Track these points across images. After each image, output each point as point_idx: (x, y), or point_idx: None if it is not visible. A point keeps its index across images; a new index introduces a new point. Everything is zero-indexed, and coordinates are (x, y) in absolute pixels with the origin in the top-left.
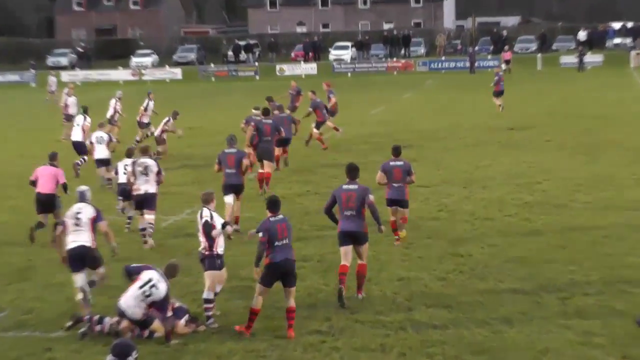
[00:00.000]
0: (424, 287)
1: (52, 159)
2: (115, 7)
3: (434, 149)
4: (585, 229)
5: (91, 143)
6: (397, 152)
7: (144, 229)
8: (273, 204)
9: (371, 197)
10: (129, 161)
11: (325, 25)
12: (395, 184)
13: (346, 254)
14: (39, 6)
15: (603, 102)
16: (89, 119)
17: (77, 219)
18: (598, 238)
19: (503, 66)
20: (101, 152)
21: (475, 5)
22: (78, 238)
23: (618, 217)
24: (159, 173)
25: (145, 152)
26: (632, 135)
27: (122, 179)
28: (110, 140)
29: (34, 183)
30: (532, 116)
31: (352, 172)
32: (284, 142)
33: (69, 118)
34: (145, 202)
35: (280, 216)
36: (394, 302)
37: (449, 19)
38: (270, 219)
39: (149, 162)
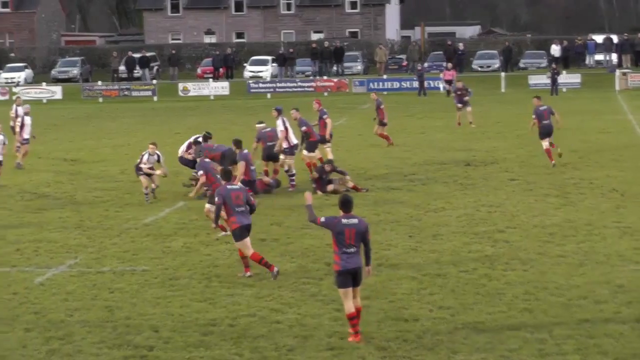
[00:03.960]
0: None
1: None
2: None
3: (372, 188)
4: (558, 288)
5: None
6: (348, 207)
7: None
8: (346, 204)
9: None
10: None
11: (239, 35)
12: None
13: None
14: None
15: (581, 133)
16: None
17: None
18: (573, 300)
19: (441, 87)
20: None
21: (424, 12)
22: None
23: (597, 275)
24: None
25: None
26: (616, 174)
27: None
28: None
29: None
30: (494, 149)
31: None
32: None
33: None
34: None
35: (355, 220)
36: None
37: (392, 28)
38: (343, 220)
39: None
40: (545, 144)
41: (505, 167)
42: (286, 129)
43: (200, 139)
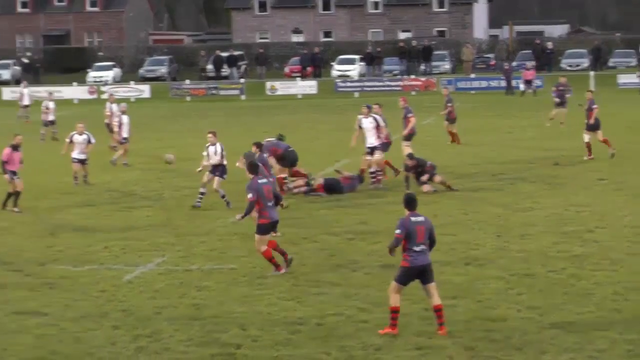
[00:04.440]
0: (447, 359)
1: None
2: (68, 8)
3: (460, 188)
4: None
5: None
6: (414, 205)
7: None
8: (412, 202)
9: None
10: None
11: (327, 34)
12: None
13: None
14: None
15: None
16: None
17: None
18: None
19: (521, 86)
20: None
21: (512, 11)
22: None
23: None
24: None
25: None
26: None
27: None
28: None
29: None
30: (582, 149)
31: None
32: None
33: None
34: None
35: (421, 218)
36: None
37: (480, 27)
38: (412, 218)
39: None
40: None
41: (594, 166)
42: (378, 125)
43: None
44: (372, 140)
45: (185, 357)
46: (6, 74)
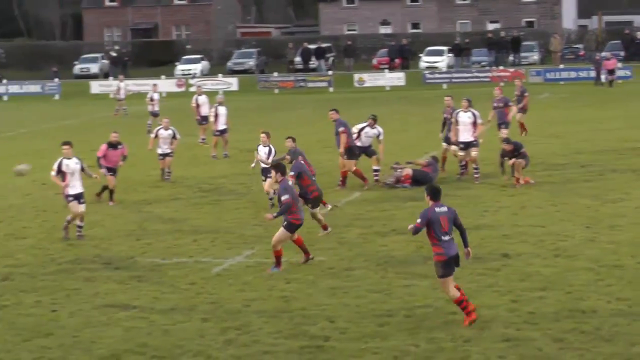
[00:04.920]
0: (536, 351)
1: None
2: (156, 1)
3: (549, 179)
4: None
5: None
6: (438, 195)
7: None
8: (436, 193)
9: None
10: None
11: (415, 25)
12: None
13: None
14: (63, 2)
15: None
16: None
17: None
18: None
19: (603, 77)
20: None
21: (601, 1)
22: None
23: None
24: None
25: None
26: None
27: None
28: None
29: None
30: None
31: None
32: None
33: (204, 119)
34: None
35: (445, 208)
36: None
37: (569, 17)
38: (435, 209)
39: None
40: None
41: None
42: (475, 121)
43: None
44: (467, 135)
45: (273, 350)
46: (94, 68)
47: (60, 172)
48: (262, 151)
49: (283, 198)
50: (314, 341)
